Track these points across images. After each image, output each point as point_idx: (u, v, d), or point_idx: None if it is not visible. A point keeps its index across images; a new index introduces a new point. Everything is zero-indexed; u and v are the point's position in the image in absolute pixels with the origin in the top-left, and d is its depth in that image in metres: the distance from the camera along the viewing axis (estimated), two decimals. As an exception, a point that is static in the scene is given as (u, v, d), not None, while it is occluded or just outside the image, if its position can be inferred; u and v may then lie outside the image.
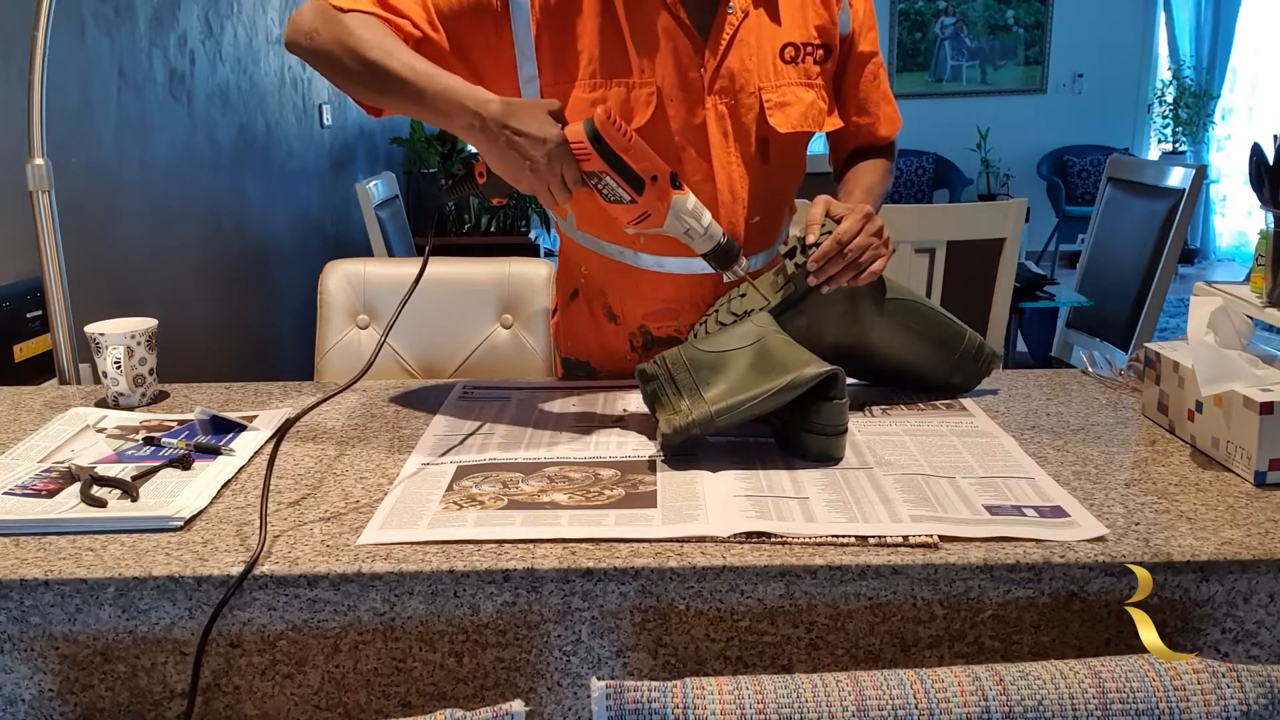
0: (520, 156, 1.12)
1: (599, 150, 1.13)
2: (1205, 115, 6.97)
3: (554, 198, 1.16)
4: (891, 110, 1.50)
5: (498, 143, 1.13)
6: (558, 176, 1.14)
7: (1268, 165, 2.06)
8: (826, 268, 1.21)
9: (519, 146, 1.12)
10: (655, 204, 1.17)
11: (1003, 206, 2.49)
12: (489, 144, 1.14)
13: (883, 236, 1.24)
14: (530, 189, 1.15)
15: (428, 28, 1.24)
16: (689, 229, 1.19)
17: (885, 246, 1.24)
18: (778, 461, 1.10)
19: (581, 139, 1.13)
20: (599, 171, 1.15)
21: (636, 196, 1.16)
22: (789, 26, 1.35)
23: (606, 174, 1.14)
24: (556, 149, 1.12)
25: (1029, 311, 3.21)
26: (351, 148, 4.44)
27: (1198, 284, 2.51)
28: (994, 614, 0.89)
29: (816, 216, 1.23)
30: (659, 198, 1.17)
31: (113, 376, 1.34)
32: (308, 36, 1.20)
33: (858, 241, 1.21)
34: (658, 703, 0.72)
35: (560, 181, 1.15)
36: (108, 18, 2.60)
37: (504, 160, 1.14)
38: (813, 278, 1.21)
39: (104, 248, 2.58)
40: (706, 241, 1.21)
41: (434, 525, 0.96)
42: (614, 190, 1.16)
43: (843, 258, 1.20)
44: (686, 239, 1.21)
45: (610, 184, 1.15)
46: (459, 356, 1.83)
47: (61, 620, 0.90)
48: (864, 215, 1.22)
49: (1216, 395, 1.07)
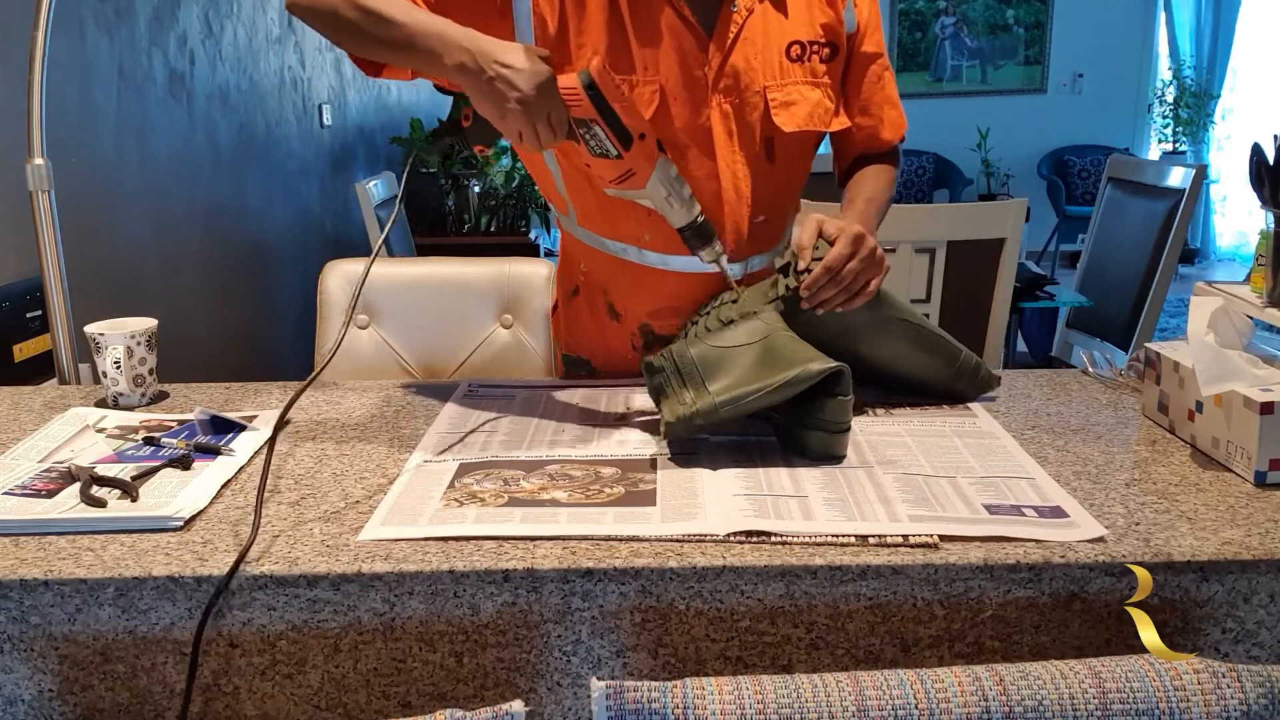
0: (508, 89, 1.11)
1: (591, 97, 1.12)
2: (1205, 115, 6.97)
3: (538, 140, 1.15)
4: (896, 114, 1.48)
5: (485, 77, 1.12)
6: (544, 115, 1.13)
7: (1268, 165, 2.06)
8: (819, 293, 1.19)
9: (507, 79, 1.11)
10: (641, 162, 1.16)
11: (1003, 206, 2.49)
12: (476, 80, 1.13)
13: (875, 257, 1.21)
14: (516, 128, 1.14)
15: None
16: (669, 195, 1.19)
17: (878, 267, 1.22)
18: (778, 460, 1.10)
19: (575, 85, 1.12)
20: (588, 119, 1.13)
21: (624, 151, 1.15)
22: (795, 24, 1.35)
23: (596, 123, 1.13)
24: (545, 82, 1.12)
25: (1029, 311, 3.21)
26: (351, 148, 4.43)
27: (1198, 284, 2.51)
28: (994, 614, 0.89)
29: (808, 239, 1.21)
30: (645, 157, 1.16)
31: (112, 376, 1.34)
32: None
33: (850, 266, 1.19)
34: (658, 703, 0.72)
35: (546, 120, 1.13)
36: (108, 18, 2.60)
37: (491, 96, 1.13)
38: (805, 302, 1.20)
39: (104, 248, 2.58)
40: (685, 214, 1.20)
41: (434, 522, 0.97)
42: (601, 142, 1.15)
43: (835, 283, 1.19)
44: (666, 206, 1.20)
45: (599, 134, 1.14)
46: (459, 356, 1.83)
47: (61, 620, 0.90)
48: (855, 238, 1.20)
49: (1217, 395, 1.07)
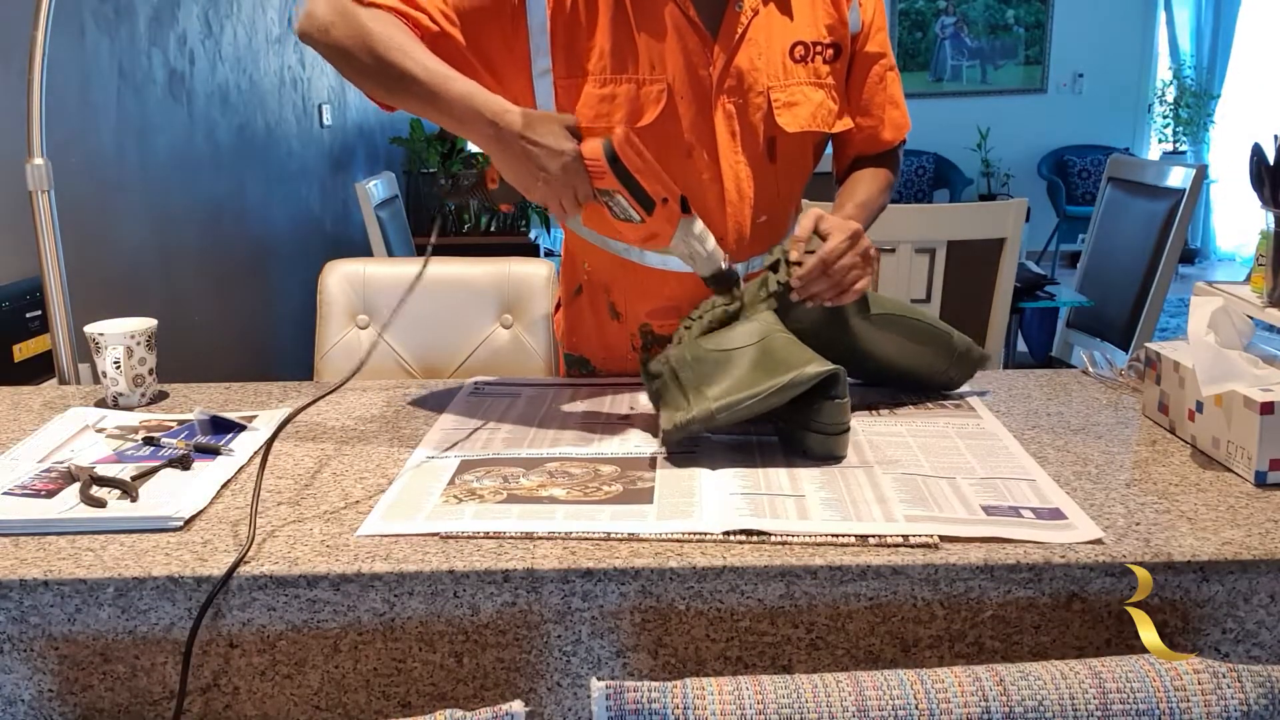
0: (535, 167, 1.13)
1: (615, 170, 1.13)
2: (1205, 115, 6.97)
3: (564, 210, 1.17)
4: (898, 115, 1.48)
5: (512, 152, 1.13)
6: (570, 190, 1.15)
7: (1268, 165, 2.06)
8: (810, 286, 1.20)
9: (534, 158, 1.13)
10: (663, 225, 1.18)
11: (1003, 206, 2.49)
12: (503, 152, 1.14)
13: (869, 256, 1.22)
14: (541, 200, 1.16)
15: (444, 22, 1.23)
16: (693, 252, 1.21)
17: (870, 265, 1.23)
18: (778, 459, 1.10)
19: (598, 157, 1.13)
20: (611, 190, 1.15)
21: (646, 217, 1.16)
22: (799, 25, 1.35)
23: (619, 193, 1.15)
24: (571, 163, 1.13)
25: (1029, 311, 3.21)
26: (351, 148, 4.43)
27: (1198, 284, 2.50)
28: (994, 614, 0.89)
29: (804, 232, 1.22)
30: (668, 220, 1.17)
31: (112, 376, 1.34)
32: (322, 30, 1.18)
33: (843, 261, 1.20)
34: (658, 703, 0.72)
35: (572, 195, 1.15)
36: (107, 18, 2.60)
37: (518, 170, 1.14)
38: (795, 294, 1.21)
39: (104, 248, 2.58)
40: (708, 265, 1.22)
41: (433, 518, 0.97)
42: (624, 209, 1.17)
43: (827, 277, 1.20)
44: (689, 261, 1.22)
45: (621, 203, 1.16)
46: (459, 357, 1.83)
47: (61, 620, 0.90)
48: (851, 234, 1.21)
49: (1217, 395, 1.07)
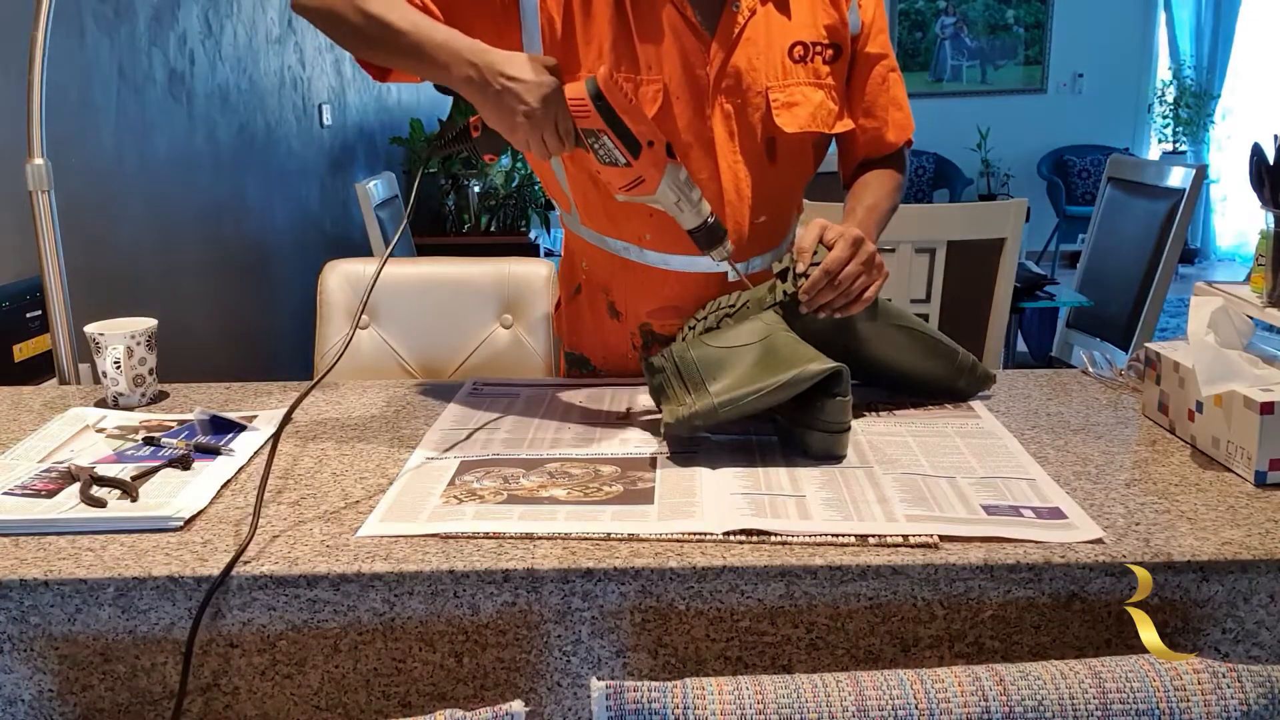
0: (516, 102, 1.12)
1: (599, 108, 1.12)
2: (1205, 115, 6.97)
3: (546, 148, 1.15)
4: (902, 116, 1.48)
5: (493, 89, 1.12)
6: (552, 125, 1.14)
7: (1268, 165, 2.06)
8: (816, 296, 1.19)
9: (514, 92, 1.12)
10: (650, 169, 1.16)
11: (1003, 206, 2.49)
12: (483, 93, 1.13)
13: (874, 263, 1.21)
14: (524, 139, 1.15)
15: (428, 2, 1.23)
16: (680, 199, 1.19)
17: (877, 272, 1.22)
18: (778, 459, 1.10)
19: (582, 95, 1.12)
20: (596, 130, 1.14)
21: (632, 160, 1.15)
22: (798, 25, 1.34)
23: (604, 133, 1.14)
24: (552, 94, 1.12)
25: (1029, 311, 3.21)
26: (351, 148, 4.43)
27: (1198, 284, 2.50)
28: (994, 614, 0.89)
29: (808, 243, 1.21)
30: (654, 164, 1.16)
31: (112, 376, 1.34)
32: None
33: (848, 271, 1.19)
34: (658, 703, 0.72)
35: (554, 129, 1.14)
36: (107, 18, 2.60)
37: (498, 109, 1.14)
38: (803, 306, 1.20)
39: (104, 248, 2.58)
40: (695, 216, 1.20)
41: (433, 518, 0.97)
42: (610, 151, 1.15)
43: (833, 287, 1.19)
44: (676, 210, 1.20)
45: (607, 144, 1.14)
46: (459, 357, 1.83)
47: (61, 620, 0.90)
48: (854, 242, 1.20)
49: (1217, 395, 1.07)
